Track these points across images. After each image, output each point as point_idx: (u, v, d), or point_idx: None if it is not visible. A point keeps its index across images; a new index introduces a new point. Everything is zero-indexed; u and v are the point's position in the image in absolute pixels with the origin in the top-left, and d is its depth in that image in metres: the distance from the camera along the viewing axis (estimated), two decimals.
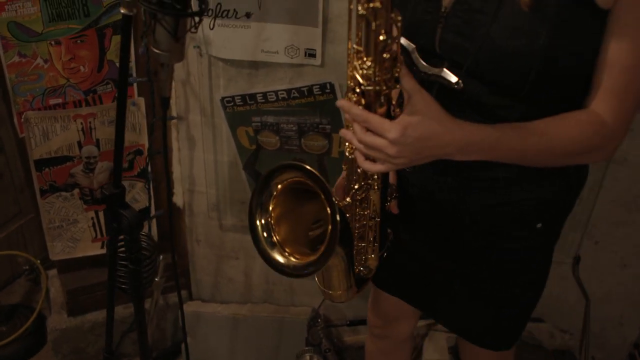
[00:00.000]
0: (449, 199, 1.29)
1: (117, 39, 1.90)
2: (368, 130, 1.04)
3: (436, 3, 1.13)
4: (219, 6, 1.77)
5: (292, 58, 1.84)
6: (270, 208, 1.25)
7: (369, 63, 1.00)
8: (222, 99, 1.95)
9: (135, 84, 1.99)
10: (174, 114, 2.04)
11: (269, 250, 1.25)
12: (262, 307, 2.39)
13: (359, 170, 1.20)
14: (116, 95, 1.97)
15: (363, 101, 1.05)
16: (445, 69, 1.13)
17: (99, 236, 2.22)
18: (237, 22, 1.80)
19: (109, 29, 1.88)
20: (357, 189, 1.23)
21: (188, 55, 1.89)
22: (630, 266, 2.13)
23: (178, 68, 1.95)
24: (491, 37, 1.05)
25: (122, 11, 1.19)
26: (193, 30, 1.20)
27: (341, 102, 1.07)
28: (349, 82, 1.08)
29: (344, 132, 1.11)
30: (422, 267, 1.45)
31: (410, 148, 1.02)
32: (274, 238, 1.26)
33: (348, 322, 2.34)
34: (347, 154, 1.22)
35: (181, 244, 2.33)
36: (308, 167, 1.16)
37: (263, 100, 1.94)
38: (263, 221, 1.26)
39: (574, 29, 1.04)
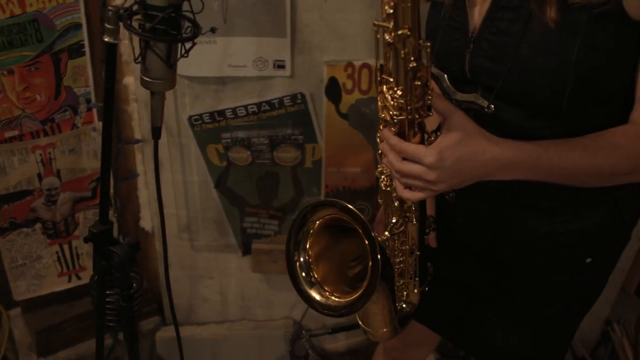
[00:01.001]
0: (490, 227, 1.27)
1: (73, 64, 1.80)
2: (404, 158, 1.01)
3: (464, 29, 1.12)
4: None
5: (260, 71, 1.80)
6: (308, 246, 1.20)
7: (399, 92, 0.97)
8: (190, 117, 1.89)
9: (95, 109, 1.90)
10: (138, 136, 1.96)
11: (308, 290, 1.21)
12: (241, 324, 2.34)
13: (395, 204, 1.18)
14: (75, 123, 1.88)
15: (394, 130, 1.03)
16: (476, 94, 1.12)
17: (64, 270, 2.11)
18: (201, 38, 1.72)
19: (64, 53, 1.78)
20: (394, 223, 1.20)
21: None
22: None
23: (140, 88, 1.87)
24: (520, 58, 1.03)
25: (105, 39, 1.12)
26: (185, 55, 1.15)
27: (385, 132, 1.04)
28: (380, 113, 1.06)
29: (385, 160, 1.08)
30: (459, 297, 1.42)
31: (450, 171, 1.00)
32: (313, 277, 1.21)
33: (330, 331, 2.32)
34: (382, 186, 1.18)
35: (152, 269, 2.25)
36: (344, 204, 1.12)
37: (233, 116, 1.88)
38: (302, 260, 1.21)
39: (607, 43, 1.00)
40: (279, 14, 1.71)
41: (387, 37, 0.92)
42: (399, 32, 0.89)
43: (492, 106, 1.10)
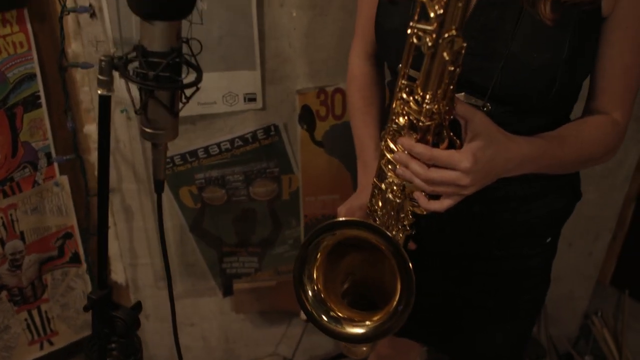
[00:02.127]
0: (461, 221, 1.25)
1: (29, 117, 1.69)
2: (432, 165, 0.97)
3: None
4: None
5: (231, 106, 1.73)
6: (317, 280, 1.14)
7: (429, 96, 0.93)
8: None
9: (55, 163, 1.79)
10: None
11: (339, 330, 1.15)
12: None
13: (401, 215, 1.13)
14: (35, 180, 1.76)
15: (415, 137, 0.98)
16: (465, 94, 1.10)
17: (35, 337, 1.97)
18: None
19: (18, 107, 1.66)
20: (394, 234, 1.16)
21: (115, 120, 1.72)
22: (574, 245, 2.23)
23: None
24: (514, 54, 1.03)
25: (98, 92, 1.04)
26: (186, 101, 1.08)
27: (405, 141, 0.99)
28: (396, 119, 1.01)
29: (401, 171, 1.02)
30: (434, 300, 1.40)
31: (482, 173, 0.98)
32: (336, 314, 1.15)
33: None
34: (391, 196, 1.11)
35: None
36: (346, 219, 1.08)
37: (205, 156, 1.81)
38: (323, 314, 1.15)
39: (586, 40, 1.05)
40: (247, 45, 1.66)
41: (427, 41, 0.87)
42: (446, 35, 0.85)
43: (489, 105, 1.09)
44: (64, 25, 1.58)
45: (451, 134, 0.98)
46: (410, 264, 1.03)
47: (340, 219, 1.15)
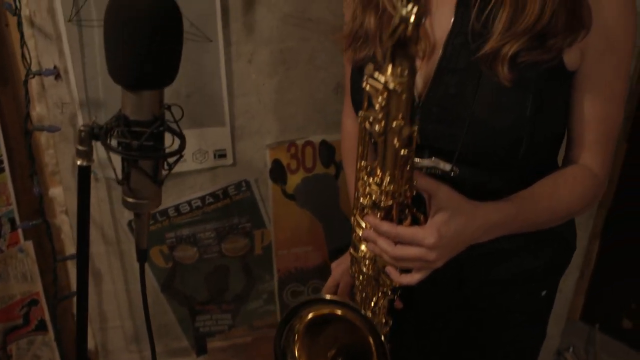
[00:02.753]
0: (450, 276, 1.24)
1: None
2: (397, 242, 0.98)
3: None
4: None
5: (201, 163, 1.72)
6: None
7: (388, 178, 0.94)
8: (129, 222, 1.76)
9: (20, 229, 1.73)
10: (71, 251, 1.80)
11: None
12: None
13: (380, 281, 1.13)
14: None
15: (380, 214, 1.00)
16: (434, 158, 1.11)
17: None
18: None
19: None
20: (376, 302, 1.16)
21: None
22: None
23: (70, 200, 1.73)
24: (477, 118, 1.03)
25: (78, 163, 1.01)
26: (169, 170, 1.06)
27: (371, 219, 1.01)
28: (361, 199, 1.03)
29: (371, 247, 1.04)
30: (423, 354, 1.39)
31: (448, 247, 0.99)
32: None
33: None
34: (365, 269, 1.13)
35: None
36: (321, 296, 1.07)
37: (176, 214, 1.78)
38: None
39: (554, 95, 1.06)
40: (216, 102, 1.65)
41: (377, 128, 0.89)
42: (393, 124, 0.86)
43: (457, 169, 1.10)
44: (28, 88, 1.54)
45: (414, 210, 1.01)
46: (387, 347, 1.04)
47: (315, 297, 1.14)
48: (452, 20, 1.04)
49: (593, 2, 0.99)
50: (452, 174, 1.10)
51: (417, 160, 1.12)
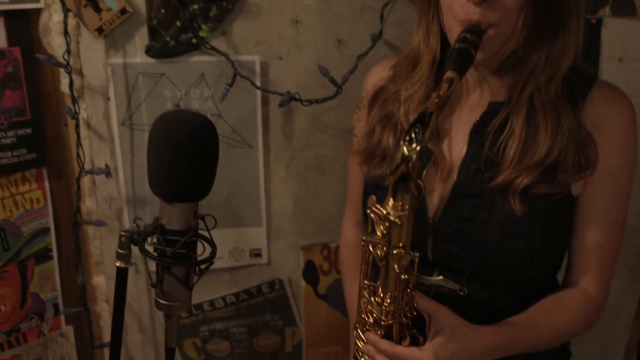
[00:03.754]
0: None
1: (40, 269, 1.73)
2: None
3: (421, 216, 1.13)
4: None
5: (237, 261, 1.79)
6: None
7: (388, 300, 1.00)
8: None
9: (62, 315, 1.81)
10: (108, 338, 1.87)
11: None
12: None
13: None
14: (41, 330, 1.78)
15: (380, 332, 1.05)
16: (444, 278, 1.15)
17: None
18: None
19: (30, 260, 1.71)
20: None
21: None
22: None
23: (111, 289, 1.81)
24: (488, 243, 1.07)
25: (117, 264, 1.09)
26: (200, 275, 1.12)
27: (371, 337, 1.06)
28: (363, 316, 1.08)
29: None
30: None
31: None
32: None
33: None
34: None
35: None
36: None
37: (210, 308, 1.84)
38: None
39: (561, 220, 1.10)
40: (254, 203, 1.73)
41: (379, 252, 0.94)
42: (394, 252, 0.91)
43: (466, 289, 1.13)
44: (80, 185, 1.65)
45: (414, 331, 1.05)
46: None
47: None
48: (466, 147, 1.10)
49: (596, 136, 1.05)
50: (460, 294, 1.13)
51: (425, 278, 1.17)
